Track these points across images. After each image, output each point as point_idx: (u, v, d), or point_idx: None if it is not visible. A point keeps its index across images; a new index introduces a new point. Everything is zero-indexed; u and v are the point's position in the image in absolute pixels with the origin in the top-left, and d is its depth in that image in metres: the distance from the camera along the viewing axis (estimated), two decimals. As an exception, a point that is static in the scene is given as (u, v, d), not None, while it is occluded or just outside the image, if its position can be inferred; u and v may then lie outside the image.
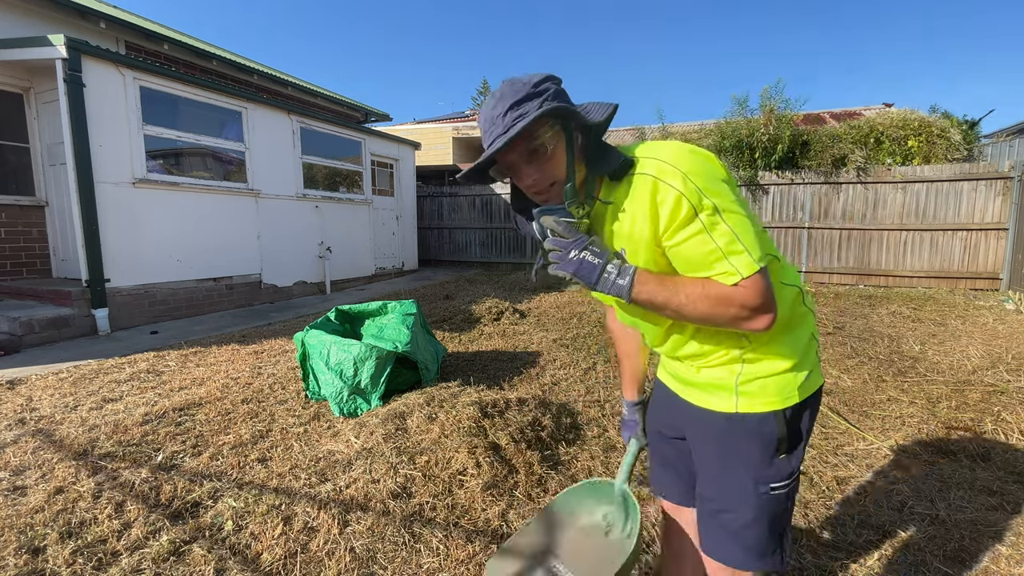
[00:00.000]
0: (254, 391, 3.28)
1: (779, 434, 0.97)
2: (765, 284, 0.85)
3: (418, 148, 10.73)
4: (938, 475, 2.29)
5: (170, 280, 5.79)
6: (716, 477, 1.04)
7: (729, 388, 0.99)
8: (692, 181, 0.84)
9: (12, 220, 5.65)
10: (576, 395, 3.24)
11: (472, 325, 5.24)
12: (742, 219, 0.86)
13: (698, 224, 0.85)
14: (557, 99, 0.89)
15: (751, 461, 0.99)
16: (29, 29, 5.76)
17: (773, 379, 0.97)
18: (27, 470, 2.28)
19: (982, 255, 7.46)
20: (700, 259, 0.86)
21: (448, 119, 19.36)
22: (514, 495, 2.07)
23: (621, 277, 0.89)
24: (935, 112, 8.49)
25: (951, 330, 4.94)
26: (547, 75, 0.92)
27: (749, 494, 0.99)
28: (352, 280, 8.71)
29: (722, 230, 0.84)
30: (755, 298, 0.84)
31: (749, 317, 0.86)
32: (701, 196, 0.84)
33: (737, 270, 0.84)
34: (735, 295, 0.85)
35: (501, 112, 0.88)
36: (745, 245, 0.84)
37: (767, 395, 0.97)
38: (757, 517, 0.99)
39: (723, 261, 0.85)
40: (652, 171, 0.87)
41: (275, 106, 7.19)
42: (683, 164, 0.86)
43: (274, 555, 1.71)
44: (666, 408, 1.22)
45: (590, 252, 0.90)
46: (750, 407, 0.98)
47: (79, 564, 1.66)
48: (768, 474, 0.98)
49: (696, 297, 0.87)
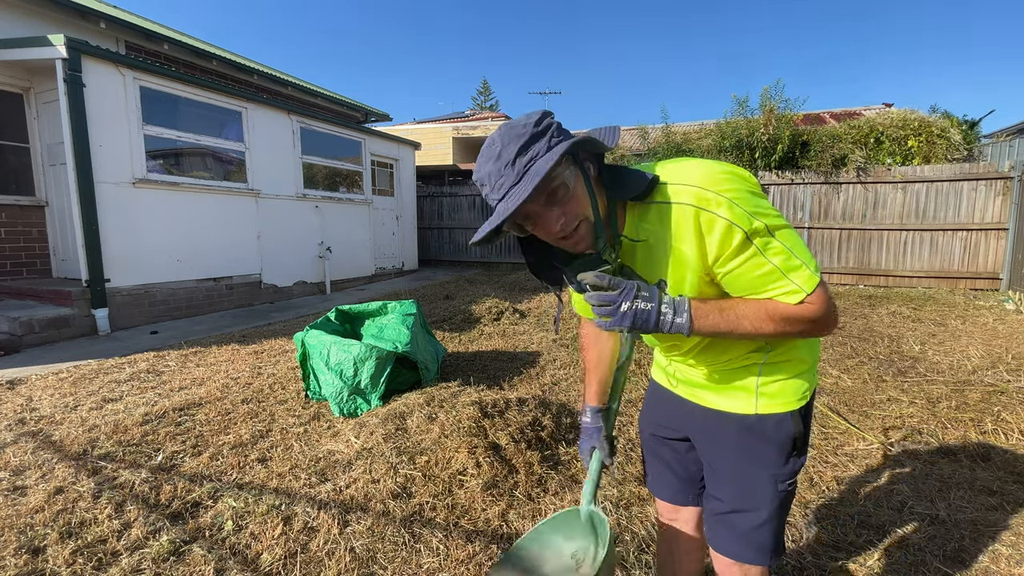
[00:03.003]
0: (254, 391, 3.28)
1: (796, 433, 0.99)
2: (827, 293, 0.84)
3: (418, 148, 10.73)
4: (938, 475, 2.29)
5: (170, 280, 5.79)
6: (732, 478, 1.05)
7: (749, 390, 1.00)
8: (738, 206, 0.81)
9: (12, 220, 5.65)
10: (576, 395, 3.24)
11: (472, 325, 5.24)
12: (791, 233, 0.84)
13: (752, 249, 0.82)
14: (562, 133, 0.85)
15: (770, 461, 1.00)
16: (29, 29, 5.76)
17: (791, 381, 0.99)
18: (27, 470, 2.28)
19: (982, 255, 7.46)
20: (758, 281, 0.84)
21: (448, 119, 19.36)
22: (514, 495, 2.07)
23: (678, 315, 0.85)
24: (935, 112, 8.49)
25: (951, 330, 4.94)
26: (542, 111, 0.87)
27: (767, 492, 1.00)
28: (352, 280, 8.71)
29: (776, 249, 0.82)
30: (821, 310, 0.84)
31: (816, 330, 0.87)
32: (751, 220, 0.81)
33: (800, 287, 0.82)
34: (803, 312, 0.84)
35: (508, 160, 0.82)
36: (802, 259, 0.83)
37: (785, 396, 0.99)
38: (772, 514, 1.01)
39: (783, 280, 0.83)
40: (691, 200, 0.83)
41: (275, 106, 7.19)
42: (724, 189, 0.82)
43: (274, 555, 1.71)
44: (664, 410, 1.21)
45: (641, 300, 0.85)
46: (770, 408, 0.99)
47: (79, 564, 1.66)
48: (784, 472, 1.00)
49: (761, 319, 0.85)
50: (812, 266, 0.83)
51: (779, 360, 0.99)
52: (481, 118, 18.82)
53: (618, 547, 1.78)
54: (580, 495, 2.07)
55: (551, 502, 2.04)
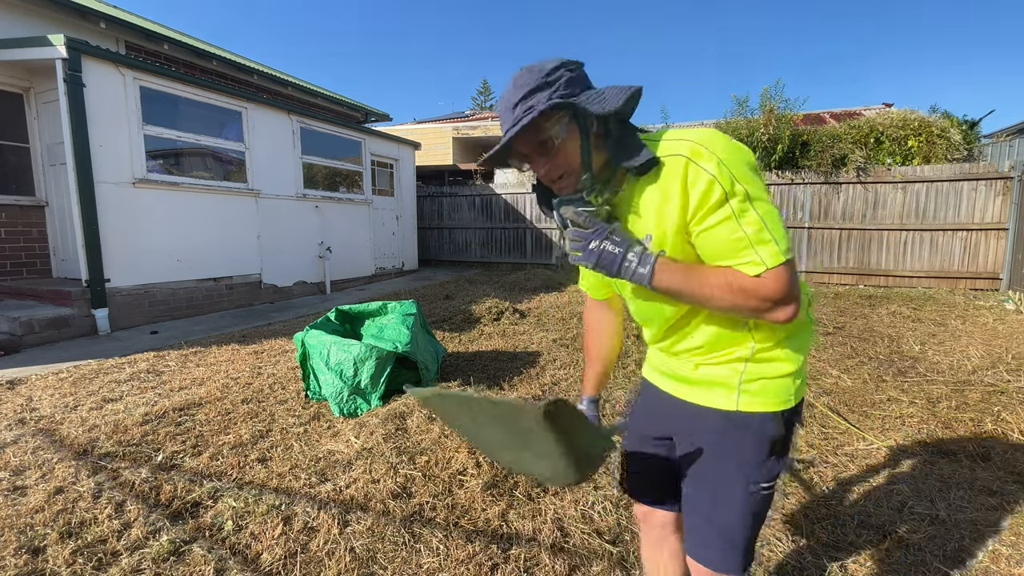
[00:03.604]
0: (254, 391, 3.28)
1: (776, 434, 0.98)
2: (789, 275, 0.84)
3: (418, 148, 10.73)
4: (938, 475, 2.29)
5: (170, 280, 5.79)
6: (706, 475, 1.04)
7: (731, 386, 0.99)
8: (726, 166, 0.83)
9: (12, 220, 5.65)
10: (576, 395, 3.24)
11: (472, 325, 5.24)
12: (771, 209, 0.85)
13: (728, 210, 0.83)
14: (570, 87, 0.88)
15: (745, 459, 0.99)
16: (29, 29, 5.76)
17: (774, 381, 0.98)
18: (27, 470, 2.28)
19: (982, 255, 7.46)
20: (727, 247, 0.85)
21: (448, 119, 19.37)
22: (514, 495, 2.07)
23: (642, 265, 0.88)
24: (935, 112, 8.49)
25: (951, 330, 4.94)
26: (562, 61, 0.90)
27: (739, 492, 0.99)
28: (352, 280, 8.71)
29: (751, 218, 0.83)
30: (778, 290, 0.83)
31: (771, 309, 0.85)
32: (734, 182, 0.83)
33: (762, 260, 0.83)
34: (759, 287, 0.84)
35: (513, 103, 0.89)
36: (773, 235, 0.83)
37: (767, 396, 0.98)
38: (742, 515, 1.00)
39: (749, 250, 0.84)
40: (685, 152, 0.86)
41: (275, 106, 7.19)
42: (718, 148, 0.85)
43: (274, 555, 1.72)
44: (653, 410, 1.21)
45: (610, 242, 0.89)
46: (751, 406, 0.98)
47: (79, 564, 1.66)
48: (759, 474, 0.99)
49: (719, 287, 0.86)
50: (783, 245, 0.83)
51: (763, 358, 0.98)
52: (481, 118, 18.82)
53: None
54: (580, 495, 2.08)
55: (551, 502, 2.04)
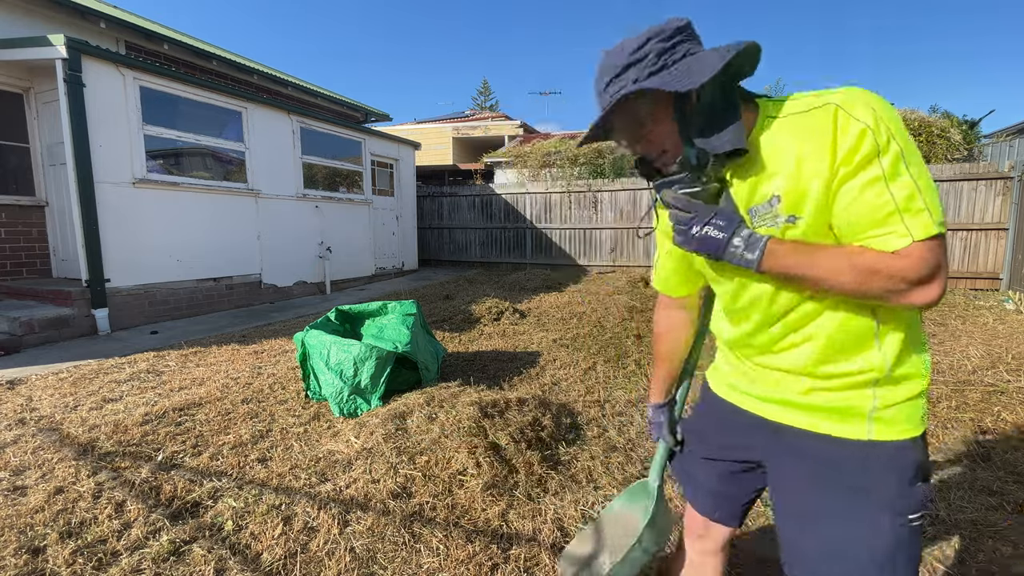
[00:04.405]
0: (254, 391, 3.29)
1: (920, 460, 0.86)
2: (939, 256, 0.72)
3: (418, 148, 10.73)
4: (938, 475, 2.29)
5: (170, 280, 5.79)
6: (835, 514, 0.88)
7: (861, 414, 0.86)
8: (883, 122, 0.74)
9: (12, 220, 5.65)
10: (576, 395, 3.24)
11: (472, 325, 5.24)
12: (926, 172, 0.74)
13: (877, 170, 0.73)
14: (661, 59, 0.81)
15: (886, 493, 0.85)
16: (29, 29, 5.76)
17: (908, 404, 0.86)
18: (27, 470, 2.28)
19: (982, 255, 7.46)
20: (869, 216, 0.74)
21: (448, 119, 19.37)
22: (514, 495, 2.07)
23: (749, 251, 0.80)
24: (935, 112, 8.51)
25: (951, 330, 4.94)
26: (650, 33, 0.82)
27: (884, 530, 0.85)
28: (352, 280, 8.71)
29: (904, 182, 0.73)
30: (922, 268, 0.72)
31: (907, 290, 0.73)
32: (891, 138, 0.73)
33: (909, 231, 0.72)
34: (895, 265, 0.72)
35: (602, 88, 0.86)
36: (927, 203, 0.72)
37: (901, 422, 0.86)
38: (894, 554, 0.84)
39: (896, 219, 0.72)
40: (837, 100, 0.77)
41: (275, 106, 7.19)
42: (874, 101, 0.76)
43: (274, 555, 1.71)
44: (727, 429, 1.08)
45: (713, 227, 0.83)
46: (885, 435, 0.85)
47: (79, 564, 1.66)
48: (906, 504, 0.85)
49: (841, 268, 0.76)
50: (936, 216, 0.72)
51: (895, 380, 0.85)
52: (481, 118, 18.83)
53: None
54: (580, 495, 2.08)
55: (551, 502, 2.04)
